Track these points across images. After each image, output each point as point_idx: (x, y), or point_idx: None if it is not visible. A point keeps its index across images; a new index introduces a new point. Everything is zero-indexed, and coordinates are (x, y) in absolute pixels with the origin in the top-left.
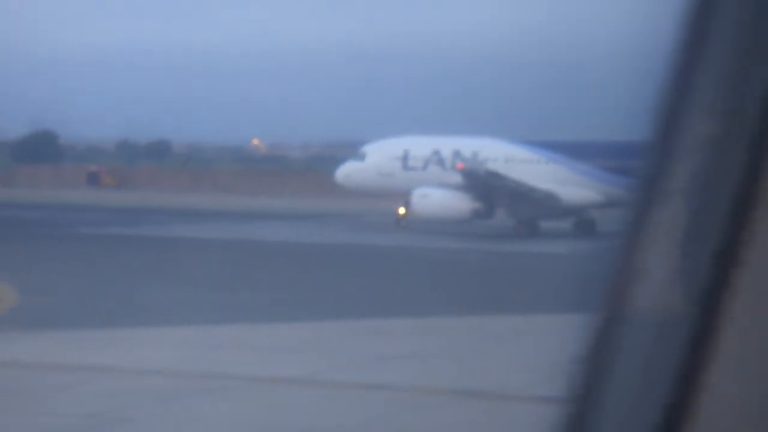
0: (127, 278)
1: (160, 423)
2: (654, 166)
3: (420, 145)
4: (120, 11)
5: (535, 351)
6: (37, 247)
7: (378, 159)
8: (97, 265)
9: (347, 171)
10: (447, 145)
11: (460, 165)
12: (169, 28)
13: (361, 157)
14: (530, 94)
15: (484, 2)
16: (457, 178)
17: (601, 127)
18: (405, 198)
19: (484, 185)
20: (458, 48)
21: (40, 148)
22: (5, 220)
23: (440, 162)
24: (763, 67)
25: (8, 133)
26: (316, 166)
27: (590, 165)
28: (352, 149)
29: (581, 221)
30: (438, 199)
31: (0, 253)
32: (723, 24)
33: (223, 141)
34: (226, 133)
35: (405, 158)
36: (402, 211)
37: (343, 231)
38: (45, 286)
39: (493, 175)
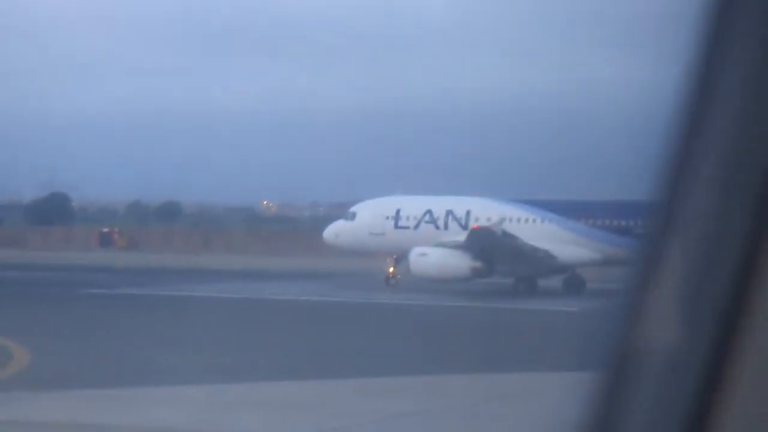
0: (139, 338)
1: None
2: (656, 228)
3: (411, 204)
4: (130, 74)
5: (542, 409)
6: (48, 308)
7: (368, 218)
8: (108, 324)
9: (336, 230)
10: (439, 204)
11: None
12: (178, 89)
13: (351, 217)
14: (520, 155)
15: (475, 62)
16: (452, 237)
17: (594, 188)
18: (395, 257)
19: (486, 245)
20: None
21: (53, 210)
22: (18, 281)
23: (433, 221)
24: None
25: (22, 196)
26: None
27: (584, 224)
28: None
29: (571, 278)
30: (437, 258)
31: (12, 314)
32: (727, 88)
33: (233, 202)
34: (236, 194)
35: (396, 217)
36: (392, 269)
37: (339, 289)
38: (57, 346)
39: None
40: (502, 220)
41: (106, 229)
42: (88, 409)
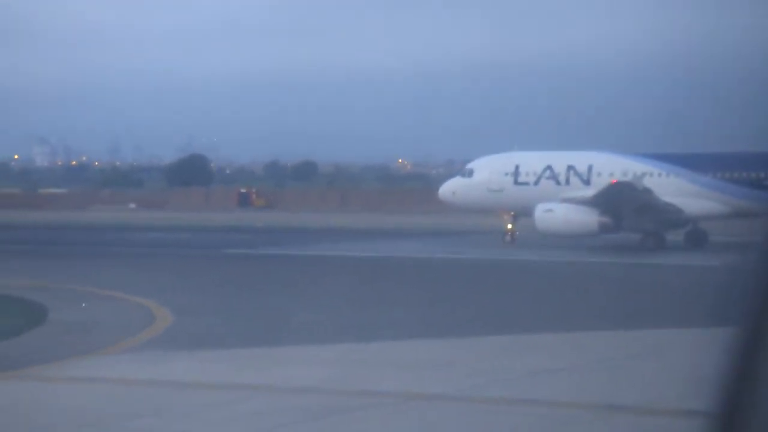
0: (277, 297)
1: None
2: None
3: (530, 161)
4: (267, 35)
5: (683, 365)
6: (189, 268)
7: (487, 175)
8: (248, 285)
9: (453, 188)
10: (558, 159)
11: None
12: (315, 49)
13: (468, 173)
14: (640, 107)
15: (595, 17)
16: (575, 192)
17: (721, 139)
18: (513, 214)
19: (617, 200)
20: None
21: (192, 172)
22: (159, 242)
23: (553, 177)
24: None
25: (161, 158)
26: None
27: (710, 176)
28: None
29: (693, 232)
30: (564, 213)
31: (153, 275)
32: None
33: (368, 160)
34: (371, 153)
35: (516, 173)
36: (510, 226)
37: (471, 246)
38: (197, 306)
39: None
40: (642, 175)
41: (244, 190)
42: (227, 368)
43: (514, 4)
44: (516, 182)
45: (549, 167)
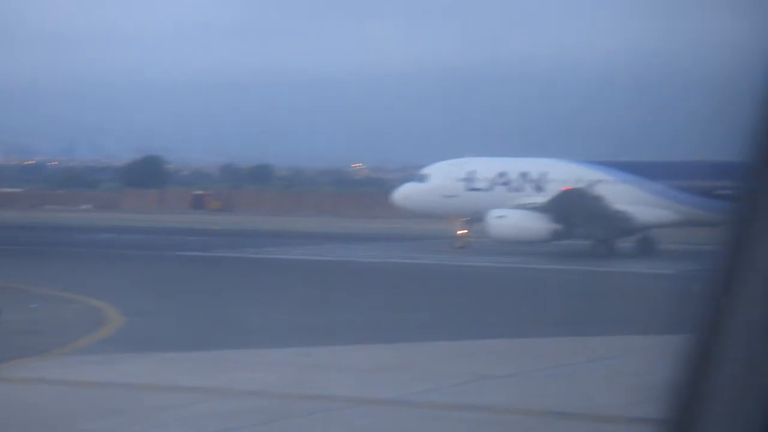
0: (229, 300)
1: None
2: (749, 190)
3: (484, 167)
4: (222, 37)
5: (631, 372)
6: (141, 270)
7: (441, 180)
8: (199, 287)
9: (407, 193)
10: (512, 166)
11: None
12: (272, 52)
13: (422, 179)
14: (599, 115)
15: (553, 23)
16: (529, 199)
17: (673, 148)
18: (466, 219)
19: (569, 206)
20: (529, 69)
21: (147, 173)
22: (112, 243)
23: (506, 183)
24: None
25: (117, 159)
26: None
27: (662, 185)
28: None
29: (643, 240)
30: (516, 219)
31: (105, 276)
32: None
33: (324, 164)
34: (327, 157)
35: (469, 179)
36: (463, 231)
37: (418, 251)
38: (148, 307)
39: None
40: (594, 182)
41: (199, 192)
42: (179, 371)
43: (475, 10)
44: (469, 188)
45: (502, 174)
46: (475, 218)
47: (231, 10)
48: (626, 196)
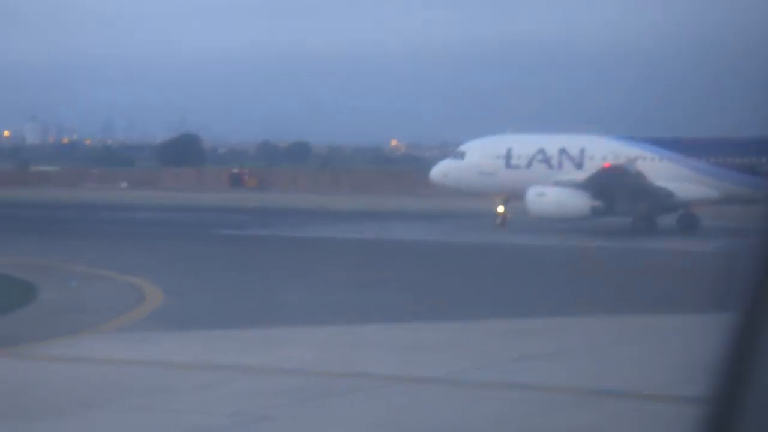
0: (269, 279)
1: (300, 422)
2: None
3: (523, 143)
4: (263, 14)
5: (674, 351)
6: (180, 248)
7: (478, 157)
8: (239, 265)
9: (444, 170)
10: (551, 143)
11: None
12: (310, 29)
13: (460, 156)
14: (636, 90)
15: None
16: (568, 176)
17: (711, 125)
18: (504, 197)
19: (609, 183)
20: (562, 45)
21: (184, 151)
22: (150, 221)
23: (545, 160)
24: None
25: (154, 138)
26: None
27: (704, 161)
28: None
29: (685, 216)
30: (556, 197)
31: (144, 254)
32: None
33: (361, 142)
34: (365, 135)
35: (508, 156)
36: (501, 209)
37: (461, 229)
38: (188, 286)
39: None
40: (635, 159)
41: (236, 170)
42: (217, 349)
43: None
44: (508, 165)
45: (541, 150)
46: (514, 195)
47: None
48: (667, 173)
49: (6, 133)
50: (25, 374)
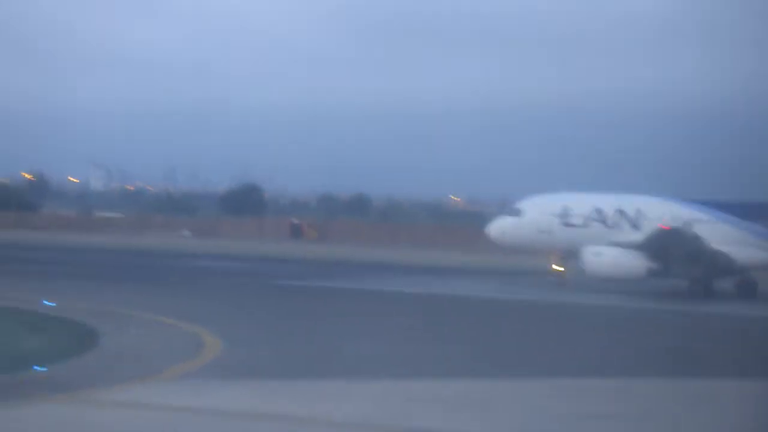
0: (327, 331)
1: None
2: None
3: (579, 202)
4: (324, 66)
5: (733, 416)
6: (239, 298)
7: (536, 215)
8: (298, 316)
9: (502, 227)
10: (607, 202)
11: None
12: (370, 83)
13: (516, 213)
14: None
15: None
16: (624, 236)
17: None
18: (561, 255)
19: (666, 245)
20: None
21: (245, 201)
22: (209, 270)
23: (602, 219)
24: None
25: (216, 186)
26: None
27: (761, 225)
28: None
29: (744, 281)
30: (613, 257)
31: (203, 303)
32: None
33: (421, 196)
34: (424, 189)
35: (564, 215)
36: (558, 267)
37: (515, 286)
38: (247, 336)
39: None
40: (691, 221)
41: (296, 221)
42: (273, 399)
43: (576, 44)
44: (564, 223)
45: (598, 210)
46: (569, 254)
47: (334, 41)
48: (725, 236)
49: (73, 179)
50: (82, 419)
